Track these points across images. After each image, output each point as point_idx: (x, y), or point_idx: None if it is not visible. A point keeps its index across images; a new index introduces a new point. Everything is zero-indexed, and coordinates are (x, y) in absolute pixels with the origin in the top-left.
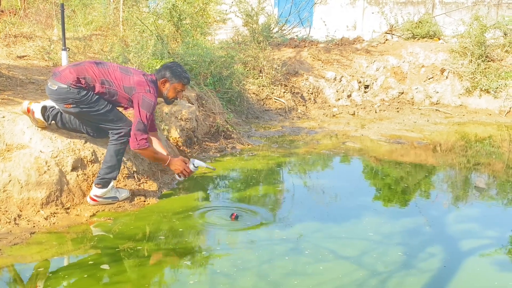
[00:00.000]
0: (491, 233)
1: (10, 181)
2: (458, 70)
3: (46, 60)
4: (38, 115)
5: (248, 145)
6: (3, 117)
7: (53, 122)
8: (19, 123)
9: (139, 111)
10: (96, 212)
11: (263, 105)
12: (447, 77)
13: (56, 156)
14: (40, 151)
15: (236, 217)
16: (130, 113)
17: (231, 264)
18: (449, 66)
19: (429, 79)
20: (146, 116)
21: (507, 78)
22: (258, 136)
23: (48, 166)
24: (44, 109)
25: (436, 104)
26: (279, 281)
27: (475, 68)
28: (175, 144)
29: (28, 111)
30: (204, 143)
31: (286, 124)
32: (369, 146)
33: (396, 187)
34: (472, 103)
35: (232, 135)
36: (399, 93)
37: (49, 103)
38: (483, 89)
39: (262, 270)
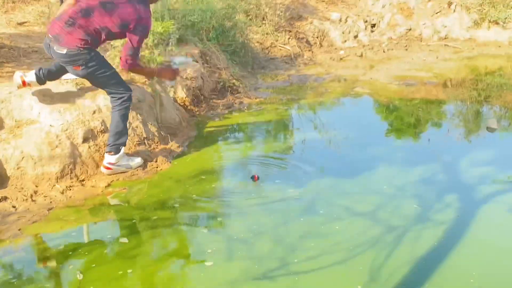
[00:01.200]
0: (505, 177)
1: (23, 157)
2: (465, 2)
3: (47, 26)
4: (35, 84)
5: (255, 98)
6: (10, 92)
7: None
8: (27, 98)
9: (132, 37)
10: (111, 182)
11: (268, 53)
12: (454, 10)
13: (67, 129)
14: (50, 125)
15: (258, 178)
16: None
17: (247, 229)
18: None
19: (436, 13)
20: (137, 41)
21: None
22: (265, 88)
23: (59, 139)
24: (37, 76)
25: (445, 39)
26: (295, 244)
27: None
28: (183, 104)
29: (24, 85)
30: (211, 100)
31: (293, 72)
32: (379, 90)
33: (407, 134)
34: (481, 35)
35: (239, 89)
36: (407, 30)
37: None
38: (491, 20)
39: (277, 234)
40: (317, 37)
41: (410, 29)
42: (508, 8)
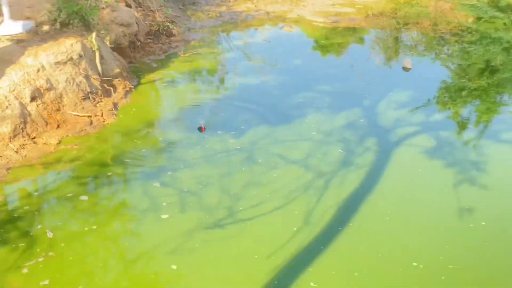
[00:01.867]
0: (417, 119)
1: None
2: None
3: None
4: None
5: (190, 41)
6: None
7: None
8: None
9: None
10: (61, 138)
11: None
12: None
13: (14, 90)
14: None
15: (204, 129)
16: None
17: (196, 182)
18: None
19: None
20: None
21: None
22: (198, 28)
23: (8, 100)
24: None
25: None
26: (240, 194)
27: None
28: (118, 45)
29: None
30: (147, 45)
31: (223, 9)
32: (306, 28)
33: (333, 80)
34: None
35: (173, 31)
36: None
37: None
38: None
39: (223, 185)
40: None
41: None
42: None
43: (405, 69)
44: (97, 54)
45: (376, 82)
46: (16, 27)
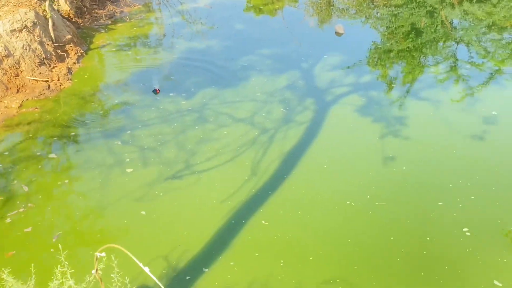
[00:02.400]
0: (349, 80)
1: None
2: None
3: None
4: None
5: (134, 6)
6: None
7: None
8: None
9: None
10: (22, 102)
11: None
12: None
13: None
14: None
15: (159, 91)
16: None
17: (154, 140)
18: None
19: None
20: None
21: None
22: None
23: None
24: None
25: None
26: (194, 149)
27: None
28: (67, 16)
29: None
30: (93, 11)
31: None
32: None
33: (272, 44)
34: None
35: None
36: None
37: None
38: None
39: (179, 141)
40: None
41: None
42: None
43: (338, 34)
44: (50, 21)
45: (311, 46)
46: None
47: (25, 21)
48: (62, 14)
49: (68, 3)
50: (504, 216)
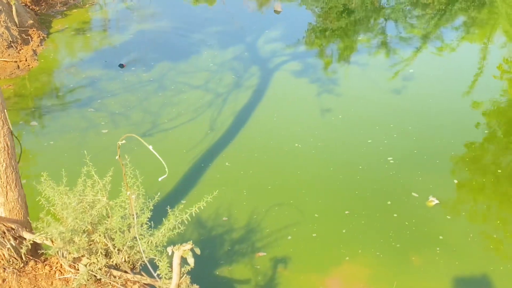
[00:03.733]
0: (287, 50)
1: None
2: None
3: None
4: None
5: None
6: None
7: None
8: None
9: None
10: None
11: None
12: None
13: None
14: None
15: (125, 65)
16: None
17: (122, 106)
18: None
19: None
20: None
21: None
22: None
23: None
24: None
25: None
26: (159, 112)
27: None
28: (24, 4)
29: None
30: None
31: None
32: None
33: (216, 24)
34: None
35: None
36: None
37: None
38: None
39: (144, 107)
40: None
41: None
42: None
43: (276, 12)
44: (14, 8)
45: (253, 24)
46: None
47: None
48: (21, 1)
49: None
50: (419, 147)
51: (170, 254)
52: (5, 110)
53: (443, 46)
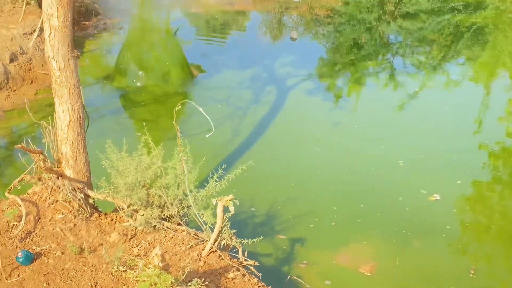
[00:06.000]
0: (302, 73)
1: None
2: None
3: None
4: None
5: (114, 19)
6: None
7: None
8: None
9: None
10: (37, 90)
11: None
12: None
13: None
14: None
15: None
16: None
17: (152, 114)
18: None
19: None
20: None
21: None
22: (117, 10)
23: None
24: None
25: None
26: (185, 120)
27: None
28: None
29: None
30: (81, 22)
31: None
32: (208, 11)
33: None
34: None
35: (99, 11)
36: None
37: None
38: None
39: (172, 115)
40: None
41: None
42: None
43: (292, 39)
44: None
45: (270, 50)
46: None
47: (33, 26)
48: None
49: None
50: (425, 152)
51: (214, 204)
52: (80, 87)
53: (448, 82)
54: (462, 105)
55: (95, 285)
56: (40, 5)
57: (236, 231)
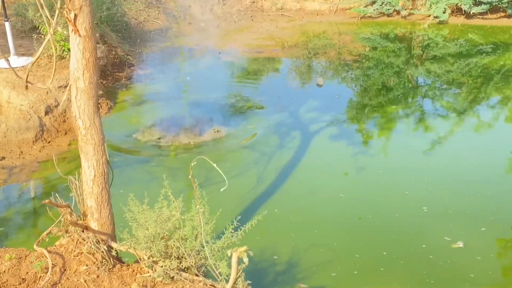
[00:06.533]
0: (327, 118)
1: (7, 129)
2: None
3: None
4: None
5: (146, 70)
6: None
7: None
8: None
9: None
10: (70, 141)
11: (143, 27)
12: None
13: (32, 107)
14: (21, 104)
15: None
16: None
17: (179, 162)
18: None
19: None
20: None
21: None
22: (150, 60)
23: (30, 114)
24: None
25: (281, 9)
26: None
27: None
28: None
29: None
30: (114, 74)
31: (168, 44)
32: (238, 57)
33: (263, 95)
34: (308, 6)
35: (133, 62)
36: (251, 2)
37: None
38: None
39: (199, 163)
40: (181, 11)
41: (253, 2)
42: None
43: (318, 85)
44: None
45: (296, 95)
46: (21, 61)
47: (68, 80)
48: None
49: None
50: (450, 197)
51: (229, 255)
52: (104, 144)
53: (477, 125)
54: (491, 150)
55: None
56: None
57: (250, 282)
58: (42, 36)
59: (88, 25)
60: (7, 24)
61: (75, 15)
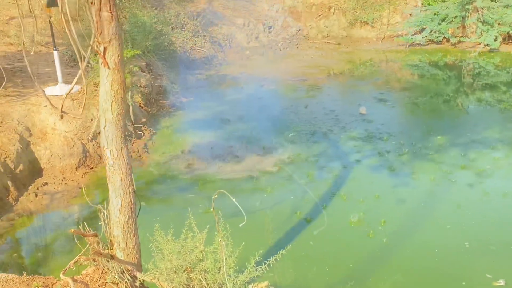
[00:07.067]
0: (367, 147)
1: (51, 155)
2: (341, 7)
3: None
4: None
5: (190, 98)
6: (29, 109)
7: None
8: (42, 112)
9: None
10: None
11: (188, 55)
12: (333, 13)
13: (77, 133)
14: (65, 131)
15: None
16: None
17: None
18: (334, 3)
19: (319, 15)
20: None
21: (381, 10)
22: (195, 88)
23: (74, 141)
24: None
25: (327, 37)
26: (248, 196)
27: (355, 4)
28: (139, 105)
29: None
30: (159, 101)
31: (212, 72)
32: (281, 85)
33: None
34: (355, 33)
35: (177, 90)
36: (297, 30)
37: None
38: (362, 21)
39: (237, 192)
40: (227, 40)
41: (299, 30)
42: (375, 11)
43: (361, 114)
44: (131, 108)
45: (339, 122)
46: (68, 89)
47: None
48: (137, 103)
49: (140, 96)
50: (493, 233)
51: None
52: (132, 174)
53: None
54: None
55: None
56: None
57: None
58: (90, 65)
59: (117, 58)
60: (55, 53)
61: (105, 48)
